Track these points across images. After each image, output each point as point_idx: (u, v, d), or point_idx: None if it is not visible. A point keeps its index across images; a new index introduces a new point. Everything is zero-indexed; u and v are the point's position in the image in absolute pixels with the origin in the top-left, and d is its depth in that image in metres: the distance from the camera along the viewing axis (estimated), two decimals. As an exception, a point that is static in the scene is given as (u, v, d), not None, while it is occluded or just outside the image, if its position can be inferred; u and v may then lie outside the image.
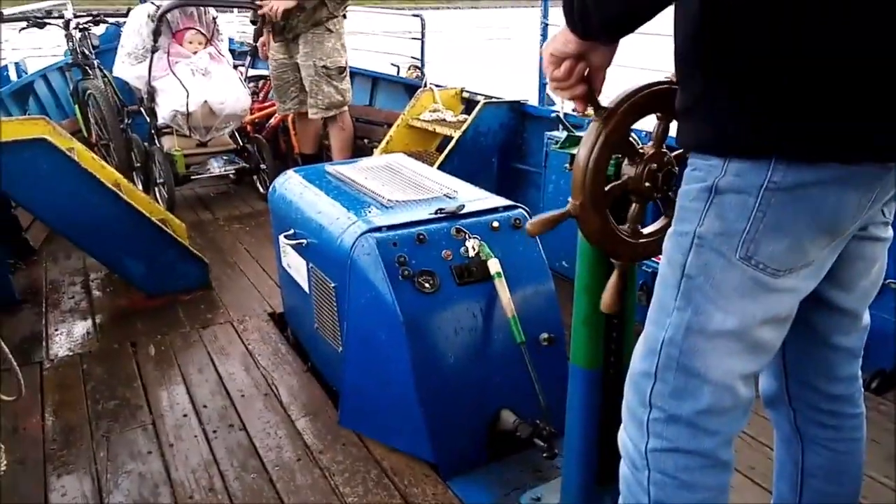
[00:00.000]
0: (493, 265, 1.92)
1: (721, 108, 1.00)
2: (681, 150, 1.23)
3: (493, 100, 3.81)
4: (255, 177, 4.50)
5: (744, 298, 1.04)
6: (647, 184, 1.25)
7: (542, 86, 3.87)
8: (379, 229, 1.94)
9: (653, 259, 1.31)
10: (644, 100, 1.18)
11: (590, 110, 1.17)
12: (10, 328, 2.78)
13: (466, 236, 1.97)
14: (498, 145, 3.81)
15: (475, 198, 2.16)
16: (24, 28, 4.50)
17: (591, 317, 1.45)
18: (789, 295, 1.06)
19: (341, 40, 4.02)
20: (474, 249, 1.95)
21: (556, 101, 3.71)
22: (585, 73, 1.10)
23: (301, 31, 3.92)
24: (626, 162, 1.26)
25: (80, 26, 4.54)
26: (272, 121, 4.79)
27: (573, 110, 3.54)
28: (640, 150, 1.25)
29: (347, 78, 4.09)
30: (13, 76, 4.91)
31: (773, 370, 1.28)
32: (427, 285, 1.89)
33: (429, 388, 1.88)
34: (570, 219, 1.24)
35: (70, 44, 4.60)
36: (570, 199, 1.22)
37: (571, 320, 1.49)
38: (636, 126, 1.22)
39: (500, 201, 2.14)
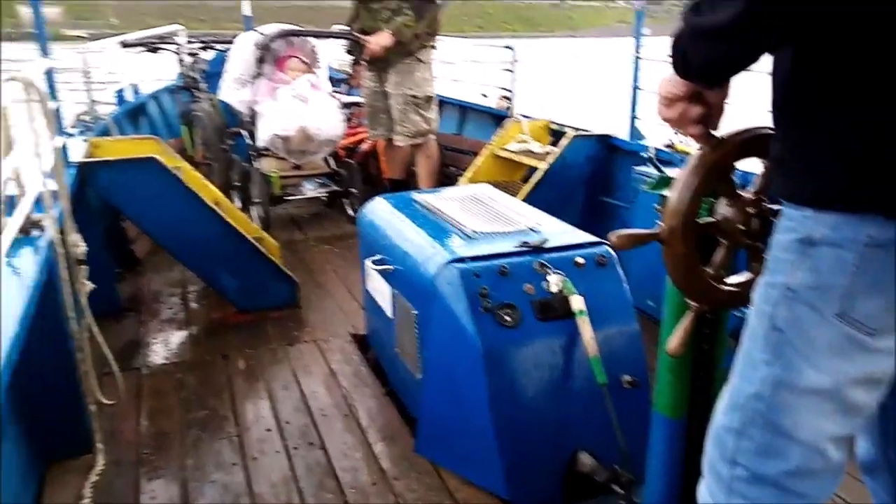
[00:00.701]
0: (577, 302, 1.91)
1: (817, 160, 0.98)
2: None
3: (582, 132, 3.80)
4: (345, 200, 4.64)
5: (837, 357, 1.00)
6: (740, 226, 1.23)
7: (633, 119, 3.83)
8: (462, 260, 1.97)
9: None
10: (756, 140, 1.17)
11: None
12: (114, 335, 2.94)
13: (549, 271, 1.97)
14: (584, 178, 3.79)
15: (560, 232, 2.16)
16: (140, 52, 4.83)
17: (676, 363, 1.42)
18: (887, 356, 1.01)
19: (430, 70, 4.11)
20: (557, 285, 1.94)
21: (647, 136, 3.65)
22: (698, 116, 1.11)
23: (393, 61, 4.04)
24: (722, 203, 1.24)
25: (192, 52, 4.84)
26: (364, 146, 4.92)
27: (665, 145, 3.44)
28: (739, 193, 1.23)
29: (435, 107, 4.17)
30: (130, 97, 5.27)
31: (871, 435, 1.21)
32: (508, 319, 1.90)
33: (506, 422, 1.88)
34: (655, 241, 1.22)
35: (182, 68, 4.90)
36: (659, 222, 1.21)
37: (656, 364, 1.46)
38: (740, 170, 1.21)
39: (585, 237, 2.13)
